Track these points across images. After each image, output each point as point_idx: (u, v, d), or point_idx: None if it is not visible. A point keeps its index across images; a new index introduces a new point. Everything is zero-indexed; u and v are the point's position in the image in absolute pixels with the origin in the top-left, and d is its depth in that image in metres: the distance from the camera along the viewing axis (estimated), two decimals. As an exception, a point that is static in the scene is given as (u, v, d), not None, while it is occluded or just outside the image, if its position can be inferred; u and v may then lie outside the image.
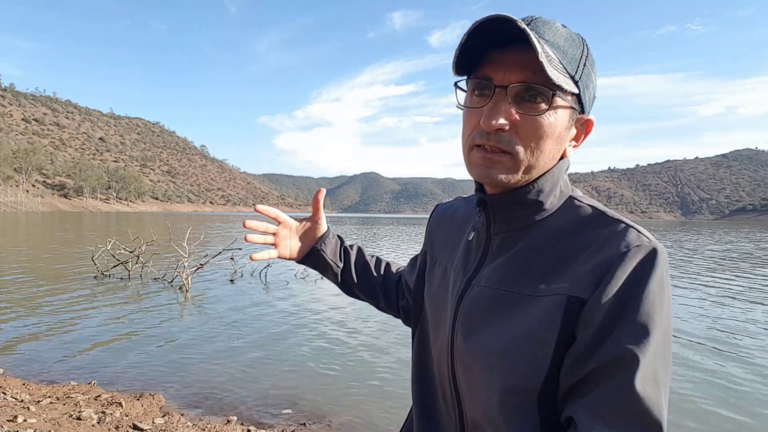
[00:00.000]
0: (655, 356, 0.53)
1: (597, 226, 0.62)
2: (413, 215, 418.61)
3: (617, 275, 0.55)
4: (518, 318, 0.61)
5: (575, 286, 0.58)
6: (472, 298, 0.67)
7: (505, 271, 0.65)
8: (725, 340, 6.01)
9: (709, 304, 8.49)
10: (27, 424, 3.06)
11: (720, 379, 4.61)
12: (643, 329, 0.53)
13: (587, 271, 0.58)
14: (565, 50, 0.60)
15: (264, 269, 10.88)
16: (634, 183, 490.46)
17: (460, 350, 0.67)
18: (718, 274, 12.92)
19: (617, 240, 0.58)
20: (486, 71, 0.61)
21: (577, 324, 0.57)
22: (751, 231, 58.58)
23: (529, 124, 0.60)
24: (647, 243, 0.57)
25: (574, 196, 0.67)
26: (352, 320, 6.83)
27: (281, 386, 4.23)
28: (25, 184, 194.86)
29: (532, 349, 0.59)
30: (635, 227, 0.59)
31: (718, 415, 3.83)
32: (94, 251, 10.65)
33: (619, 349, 0.53)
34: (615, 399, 0.53)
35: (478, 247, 0.71)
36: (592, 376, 0.54)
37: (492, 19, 0.56)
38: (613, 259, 0.57)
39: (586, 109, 0.64)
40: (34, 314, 6.63)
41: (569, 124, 0.63)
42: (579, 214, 0.64)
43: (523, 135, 0.60)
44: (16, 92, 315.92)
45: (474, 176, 0.65)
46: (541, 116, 0.59)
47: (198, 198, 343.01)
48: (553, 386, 0.58)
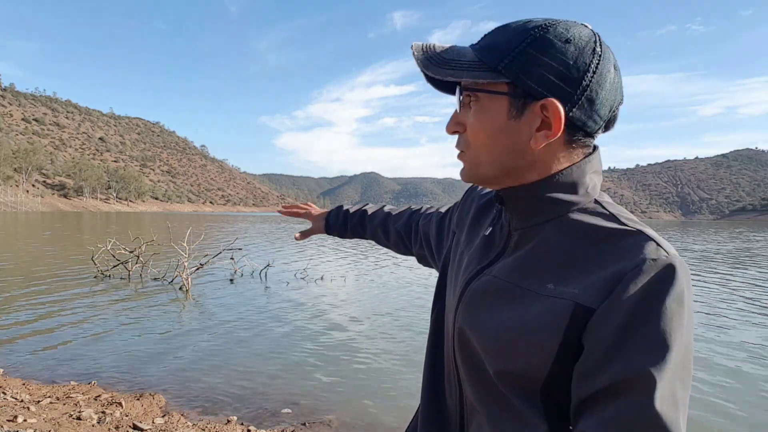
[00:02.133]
0: (674, 375, 0.52)
1: (616, 234, 0.60)
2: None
3: (629, 288, 0.54)
4: (520, 310, 0.62)
5: (584, 293, 0.57)
6: (478, 285, 0.68)
7: (517, 265, 0.66)
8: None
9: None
10: (27, 424, 3.06)
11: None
12: (661, 347, 0.52)
13: (599, 280, 0.57)
14: (493, 45, 0.62)
15: (264, 269, 10.88)
16: (634, 183, 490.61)
17: (459, 332, 0.69)
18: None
19: (634, 252, 0.57)
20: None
21: (585, 334, 0.56)
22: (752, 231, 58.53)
23: (470, 123, 0.64)
24: (665, 258, 0.55)
25: (599, 201, 0.66)
26: (353, 320, 6.84)
27: (281, 386, 4.24)
28: (25, 184, 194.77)
29: (529, 343, 0.59)
30: (656, 240, 0.58)
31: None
32: (94, 251, 10.65)
33: (635, 365, 0.52)
34: (631, 418, 0.51)
35: (500, 241, 0.71)
36: (604, 392, 0.53)
37: (414, 57, 0.64)
38: (627, 271, 0.55)
39: (538, 93, 0.60)
40: (34, 314, 6.63)
41: (513, 112, 0.62)
42: (600, 220, 0.63)
43: (469, 134, 0.65)
44: (16, 92, 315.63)
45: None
46: (471, 112, 0.63)
47: (198, 198, 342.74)
48: (558, 383, 0.58)
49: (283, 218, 54.98)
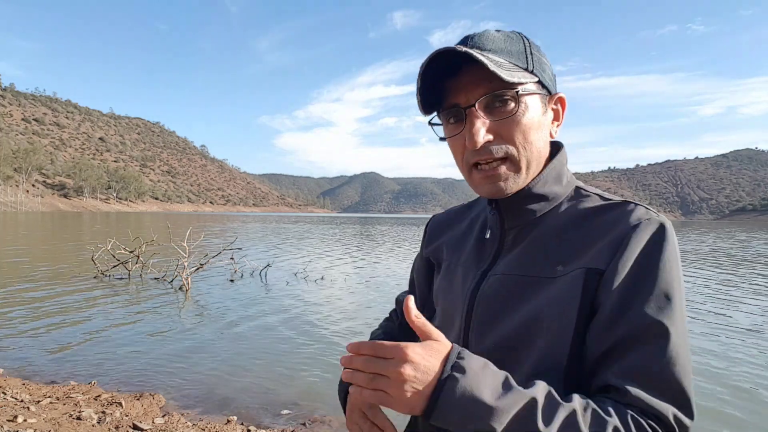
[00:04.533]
0: (682, 324, 0.56)
1: (606, 209, 0.65)
2: (413, 215, 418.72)
3: (632, 245, 0.58)
4: (537, 297, 0.62)
5: (592, 260, 0.60)
6: (489, 288, 0.68)
7: (522, 258, 0.67)
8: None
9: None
10: (27, 424, 3.06)
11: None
12: (668, 297, 0.56)
13: (603, 246, 0.61)
14: (509, 50, 0.65)
15: (264, 269, 10.88)
16: (634, 183, 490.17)
17: (475, 343, 0.68)
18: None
19: (628, 216, 0.62)
20: (450, 100, 0.66)
21: (598, 294, 0.58)
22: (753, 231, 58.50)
23: (508, 126, 0.63)
24: (656, 217, 0.61)
25: (579, 186, 0.71)
26: (353, 320, 6.83)
27: (281, 386, 4.23)
28: (25, 184, 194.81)
29: (553, 325, 0.60)
30: (642, 204, 0.63)
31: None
32: (94, 251, 10.65)
33: (647, 316, 0.55)
34: (651, 364, 0.54)
35: (493, 243, 0.72)
36: (622, 342, 0.55)
37: (437, 54, 0.62)
38: (627, 231, 0.60)
39: (552, 89, 0.68)
40: (34, 314, 6.62)
41: (543, 109, 0.66)
42: (587, 202, 0.67)
43: (508, 137, 0.63)
44: (16, 92, 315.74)
45: (483, 195, 0.69)
46: (514, 115, 0.63)
47: (198, 198, 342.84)
48: (579, 363, 0.59)
49: (283, 218, 54.53)
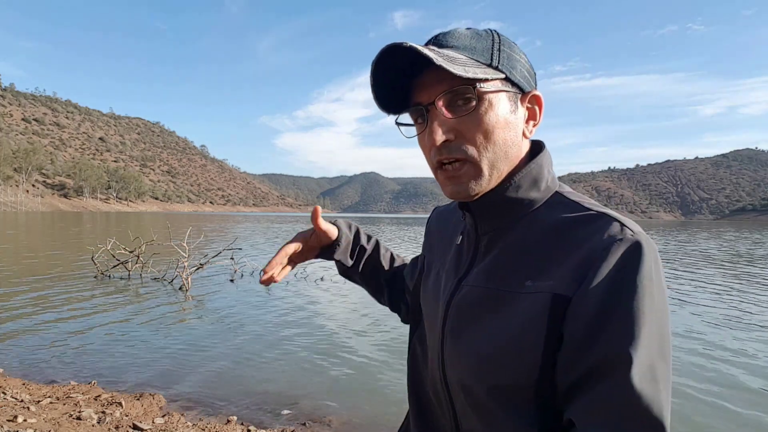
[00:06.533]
0: (650, 352, 0.52)
1: (582, 221, 0.61)
2: (413, 215, 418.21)
3: (600, 271, 0.55)
4: (505, 316, 0.61)
5: (560, 283, 0.57)
6: (461, 299, 0.68)
7: (491, 269, 0.65)
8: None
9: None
10: (27, 424, 3.06)
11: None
12: (634, 325, 0.52)
13: (571, 268, 0.57)
14: (473, 47, 0.62)
15: (264, 269, 10.85)
16: (634, 183, 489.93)
17: (449, 352, 0.67)
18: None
19: (599, 234, 0.57)
20: (414, 99, 0.64)
21: (564, 322, 0.56)
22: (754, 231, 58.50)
23: (469, 124, 0.61)
24: (630, 236, 0.56)
25: (560, 192, 0.67)
26: (353, 320, 6.83)
27: (281, 386, 4.23)
28: (25, 184, 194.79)
29: (520, 348, 0.58)
30: (619, 220, 0.59)
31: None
32: (94, 251, 10.65)
33: (610, 347, 0.52)
34: (612, 399, 0.51)
35: (469, 248, 0.71)
36: (586, 377, 0.53)
37: (387, 51, 0.58)
38: (596, 254, 0.56)
39: (525, 86, 0.65)
40: (34, 314, 6.62)
41: (512, 107, 0.63)
42: (565, 210, 0.64)
43: (469, 136, 0.61)
44: (16, 92, 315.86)
45: (447, 196, 0.67)
46: (474, 113, 0.60)
47: (198, 198, 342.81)
48: (550, 384, 0.57)
49: (283, 218, 54.99)
